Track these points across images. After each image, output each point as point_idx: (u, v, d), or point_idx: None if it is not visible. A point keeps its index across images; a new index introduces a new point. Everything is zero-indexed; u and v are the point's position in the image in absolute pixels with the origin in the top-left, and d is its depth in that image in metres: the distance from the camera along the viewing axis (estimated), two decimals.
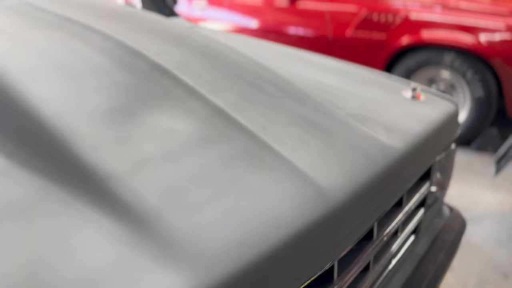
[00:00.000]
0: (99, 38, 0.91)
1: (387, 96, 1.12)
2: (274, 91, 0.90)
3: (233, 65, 0.95)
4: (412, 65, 2.88)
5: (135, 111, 0.72)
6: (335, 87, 1.12)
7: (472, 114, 2.77)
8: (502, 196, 2.31)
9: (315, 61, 1.37)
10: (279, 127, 0.78)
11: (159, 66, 0.84)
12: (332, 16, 3.16)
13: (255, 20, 3.59)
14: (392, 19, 2.89)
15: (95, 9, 1.14)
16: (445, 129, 1.09)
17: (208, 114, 0.75)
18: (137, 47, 0.88)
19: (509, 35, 2.51)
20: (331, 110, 0.91)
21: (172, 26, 1.11)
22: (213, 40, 1.07)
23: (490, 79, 2.65)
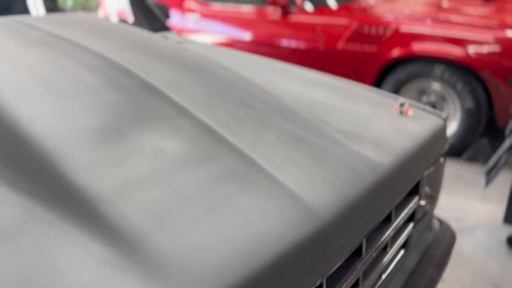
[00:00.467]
0: (90, 57, 0.92)
1: (376, 111, 1.14)
2: (263, 108, 0.92)
3: (223, 82, 0.96)
4: (403, 77, 2.91)
5: (125, 131, 0.72)
6: (324, 102, 1.14)
7: (463, 125, 2.80)
8: (493, 206, 2.32)
9: (304, 75, 1.38)
10: (267, 144, 0.79)
11: (149, 84, 0.85)
12: (324, 29, 3.19)
13: (247, 32, 3.62)
14: (383, 32, 2.93)
15: (86, 26, 1.15)
16: (433, 144, 1.11)
17: (197, 133, 0.76)
18: (127, 66, 0.89)
19: (498, 48, 2.56)
20: (319, 127, 0.92)
21: (163, 43, 1.12)
22: (203, 57, 1.08)
23: (479, 90, 2.69)
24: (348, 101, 1.18)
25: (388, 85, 3.00)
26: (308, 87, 1.26)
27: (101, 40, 1.04)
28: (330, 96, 1.20)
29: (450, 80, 2.74)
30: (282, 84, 1.24)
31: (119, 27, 1.19)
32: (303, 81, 1.32)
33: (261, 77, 1.28)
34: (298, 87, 1.24)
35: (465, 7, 3.22)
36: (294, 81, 1.30)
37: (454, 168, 2.79)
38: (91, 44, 0.98)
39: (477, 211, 2.29)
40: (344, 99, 1.19)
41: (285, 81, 1.29)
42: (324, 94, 1.22)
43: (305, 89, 1.23)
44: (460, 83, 2.71)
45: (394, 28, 2.89)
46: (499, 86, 2.57)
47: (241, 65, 1.38)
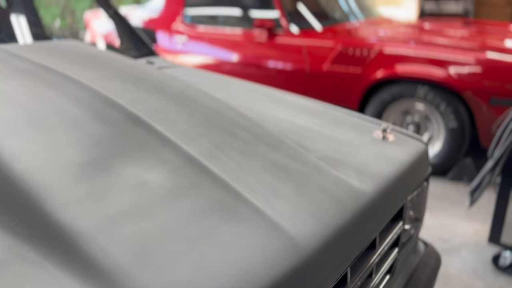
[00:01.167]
0: (74, 87, 0.92)
1: (358, 137, 1.16)
2: (247, 137, 0.93)
3: (208, 111, 0.97)
4: (388, 98, 2.96)
5: (108, 164, 0.72)
6: (307, 128, 1.15)
7: (447, 144, 2.85)
8: (478, 226, 2.35)
9: (287, 100, 1.40)
10: (251, 174, 0.80)
11: (133, 115, 0.85)
12: (309, 51, 3.24)
13: (234, 54, 3.66)
14: (367, 54, 2.99)
15: (72, 55, 1.16)
16: (416, 168, 1.13)
17: (181, 164, 0.76)
18: (112, 96, 0.90)
19: (479, 69, 2.62)
20: (303, 154, 0.93)
21: (148, 72, 1.13)
22: (187, 86, 1.09)
23: (462, 110, 2.74)
24: (331, 127, 1.20)
25: (373, 105, 3.05)
26: (291, 112, 1.28)
27: (86, 70, 1.05)
28: (313, 122, 1.22)
29: (434, 100, 2.80)
30: (266, 110, 1.25)
31: (105, 55, 1.20)
32: (287, 106, 1.34)
33: (245, 102, 1.30)
34: (281, 113, 1.26)
35: (446, 29, 3.30)
36: (278, 106, 1.32)
37: (439, 187, 2.82)
38: (76, 74, 0.98)
39: (462, 231, 2.31)
40: (327, 124, 1.21)
41: (269, 106, 1.30)
42: (307, 119, 1.24)
43: (289, 115, 1.25)
44: (443, 104, 2.77)
45: (377, 50, 2.95)
46: (482, 106, 2.63)
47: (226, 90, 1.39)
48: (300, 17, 3.58)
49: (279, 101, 1.38)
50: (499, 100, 2.56)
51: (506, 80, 2.53)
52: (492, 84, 2.57)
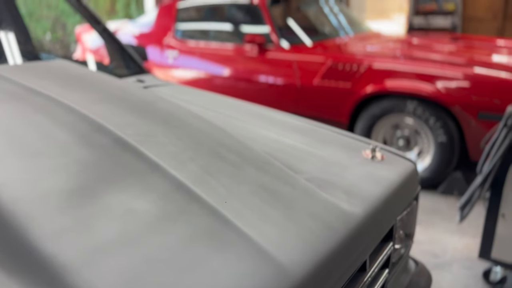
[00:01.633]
0: (62, 111, 0.91)
1: (348, 156, 1.16)
2: (236, 159, 0.92)
3: (197, 134, 0.97)
4: (377, 112, 2.99)
5: (95, 191, 0.72)
6: (297, 148, 1.16)
7: (436, 158, 2.87)
8: (469, 240, 2.36)
9: (277, 118, 1.40)
10: (240, 199, 0.80)
11: (121, 140, 0.85)
12: (300, 66, 3.27)
13: (225, 68, 3.68)
14: (357, 69, 3.01)
15: (60, 76, 1.15)
16: (405, 188, 1.13)
17: (169, 190, 0.76)
18: (100, 121, 0.89)
19: (467, 84, 2.65)
20: (291, 177, 0.93)
21: (137, 93, 1.13)
22: (177, 107, 1.09)
23: (451, 125, 2.77)
24: (320, 146, 1.20)
25: (363, 119, 3.07)
26: (280, 130, 1.28)
27: (75, 92, 1.04)
28: (302, 141, 1.22)
29: (423, 115, 2.82)
30: (254, 129, 1.26)
31: (94, 76, 1.20)
32: (275, 124, 1.34)
33: (234, 121, 1.30)
34: (270, 132, 1.26)
35: (435, 44, 3.35)
36: (267, 124, 1.32)
37: (430, 201, 2.83)
38: (64, 97, 0.98)
39: (453, 245, 2.31)
40: (316, 144, 1.21)
41: (257, 125, 1.30)
42: (296, 138, 1.24)
43: (278, 134, 1.25)
44: (432, 118, 2.79)
45: (367, 65, 2.98)
46: (470, 121, 2.66)
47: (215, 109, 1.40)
48: (291, 33, 3.62)
49: (268, 120, 1.38)
50: (487, 115, 2.59)
51: (493, 95, 2.57)
52: (480, 99, 2.60)
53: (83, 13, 1.87)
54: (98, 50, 4.35)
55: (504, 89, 2.54)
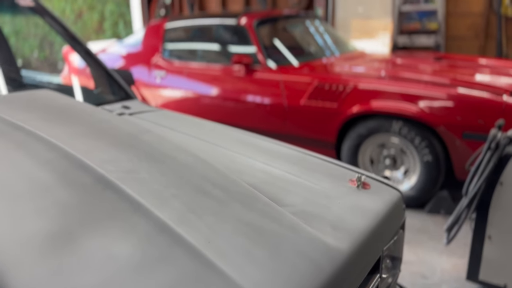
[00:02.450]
0: (43, 148, 0.90)
1: (334, 186, 1.16)
2: (221, 195, 0.92)
3: (181, 168, 0.96)
4: (364, 132, 3.01)
5: (75, 235, 0.70)
6: (283, 178, 1.15)
7: (423, 177, 2.89)
8: (457, 260, 2.36)
9: (264, 146, 1.40)
10: (224, 238, 0.79)
11: (103, 178, 0.84)
12: (286, 86, 3.29)
13: (213, 88, 3.69)
14: (343, 89, 3.04)
15: (43, 109, 1.14)
16: (391, 218, 1.13)
17: (151, 232, 0.74)
18: (82, 157, 0.88)
19: (451, 104, 2.69)
20: (277, 212, 0.93)
21: (121, 126, 1.12)
22: (161, 140, 1.08)
23: (437, 144, 2.80)
24: (307, 175, 1.20)
25: (350, 139, 3.09)
26: (267, 159, 1.28)
27: (57, 126, 1.03)
28: (290, 170, 1.22)
29: (408, 135, 2.85)
30: (241, 158, 1.25)
31: (77, 108, 1.19)
32: (262, 152, 1.34)
33: (220, 150, 1.29)
34: (258, 161, 1.26)
35: (419, 64, 3.40)
36: (253, 152, 1.32)
37: (418, 220, 2.84)
38: (46, 132, 0.97)
39: (441, 266, 2.32)
40: (303, 173, 1.21)
41: (244, 153, 1.30)
42: (282, 167, 1.24)
43: (264, 162, 1.24)
44: (417, 138, 2.82)
45: (353, 86, 3.01)
46: (455, 140, 2.69)
47: (201, 136, 1.39)
48: (278, 53, 3.65)
49: (255, 148, 1.38)
50: (472, 135, 2.63)
51: (477, 115, 2.60)
52: (464, 119, 2.64)
53: (67, 38, 1.87)
54: (85, 71, 4.33)
55: (487, 109, 2.58)
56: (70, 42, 1.86)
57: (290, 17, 4.08)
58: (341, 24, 5.17)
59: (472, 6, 4.49)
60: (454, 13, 4.59)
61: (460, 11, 4.56)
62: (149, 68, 4.17)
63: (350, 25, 5.11)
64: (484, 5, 4.41)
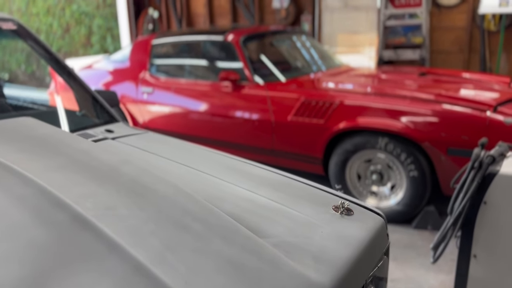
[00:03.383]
0: (19, 183, 0.89)
1: (317, 213, 1.15)
2: (201, 229, 0.91)
3: (161, 202, 0.95)
4: (350, 148, 3.02)
5: (50, 278, 0.69)
6: (267, 207, 1.15)
7: (409, 192, 2.90)
8: (444, 277, 2.37)
9: (248, 171, 1.39)
10: (203, 278, 0.77)
11: (79, 216, 0.82)
12: (274, 102, 3.30)
13: (200, 104, 3.68)
14: (329, 105, 3.06)
15: (22, 139, 1.12)
16: (375, 245, 1.13)
17: (128, 274, 0.73)
18: (59, 194, 0.86)
19: (436, 120, 2.72)
20: (259, 245, 0.92)
21: (101, 157, 1.10)
22: (142, 171, 1.07)
23: (422, 160, 2.82)
24: (290, 202, 1.20)
25: (337, 155, 3.10)
26: (251, 185, 1.27)
27: (35, 158, 1.02)
28: (274, 197, 1.22)
29: (394, 150, 2.87)
30: (225, 185, 1.24)
31: (57, 138, 1.17)
32: (246, 178, 1.33)
33: (204, 177, 1.28)
34: (242, 188, 1.25)
35: (404, 80, 3.43)
36: (239, 179, 1.31)
37: (405, 236, 2.85)
38: (23, 165, 0.95)
39: (429, 283, 2.32)
40: (286, 200, 1.21)
41: (229, 180, 1.29)
42: (267, 193, 1.23)
43: (248, 189, 1.24)
44: (403, 154, 2.84)
45: (339, 102, 3.03)
46: (440, 156, 2.71)
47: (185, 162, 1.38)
48: (264, 69, 3.67)
49: (240, 173, 1.37)
50: (456, 151, 2.65)
51: (461, 131, 2.63)
52: (449, 135, 2.66)
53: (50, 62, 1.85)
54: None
55: (471, 125, 2.61)
56: (53, 65, 1.84)
57: (277, 32, 4.11)
58: (327, 38, 5.23)
59: (455, 21, 4.57)
60: (438, 27, 4.66)
61: (444, 25, 4.63)
62: (136, 84, 4.16)
63: (336, 40, 5.17)
64: (467, 20, 4.49)
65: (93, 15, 7.79)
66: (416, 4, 4.56)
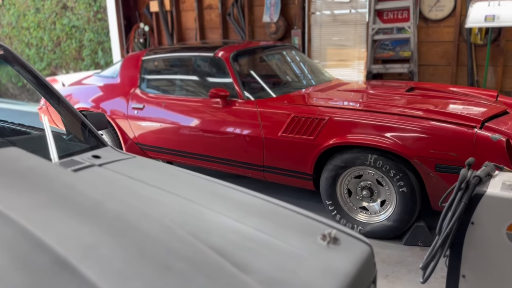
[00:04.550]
0: (1, 224, 0.88)
1: (304, 243, 1.15)
2: (185, 268, 0.90)
3: (145, 240, 0.95)
4: (340, 164, 3.03)
5: None
6: (254, 238, 1.14)
7: (399, 207, 2.91)
8: None
9: (238, 199, 1.39)
10: None
11: (61, 258, 0.81)
12: (264, 118, 3.31)
13: (191, 120, 3.68)
14: (318, 121, 3.07)
15: (4, 173, 1.11)
16: (362, 275, 1.13)
17: None
18: (40, 233, 0.86)
19: (423, 137, 2.73)
20: (243, 282, 0.91)
21: (85, 192, 1.10)
22: (127, 207, 1.06)
23: (412, 176, 2.83)
24: (277, 233, 1.20)
25: (327, 171, 3.10)
26: (238, 215, 1.27)
27: (18, 194, 1.01)
28: (260, 227, 1.21)
29: (383, 166, 2.88)
30: (213, 215, 1.24)
31: (41, 171, 1.16)
32: (236, 207, 1.33)
33: (191, 207, 1.28)
34: (230, 217, 1.25)
35: (392, 95, 3.46)
36: (227, 207, 1.31)
37: (396, 252, 2.85)
38: (5, 203, 0.94)
39: None
40: (273, 230, 1.21)
41: (217, 209, 1.29)
42: (254, 224, 1.23)
43: (235, 219, 1.24)
44: (393, 170, 2.85)
45: (328, 118, 3.05)
46: (429, 173, 2.73)
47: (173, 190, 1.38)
48: (255, 85, 3.68)
49: (226, 200, 1.37)
50: (445, 167, 2.67)
51: (449, 147, 2.65)
52: (437, 152, 2.68)
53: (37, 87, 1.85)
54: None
55: (459, 141, 2.63)
56: (41, 91, 1.84)
57: (267, 48, 4.13)
58: (317, 52, 5.27)
59: (443, 35, 4.63)
60: (426, 41, 4.72)
61: (432, 39, 4.69)
62: (127, 100, 4.16)
63: (325, 54, 5.21)
64: (454, 33, 4.55)
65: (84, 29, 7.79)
66: (404, 19, 4.62)
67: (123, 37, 6.88)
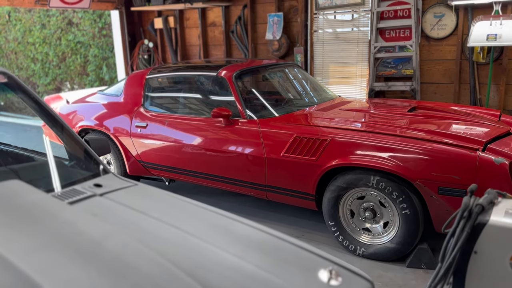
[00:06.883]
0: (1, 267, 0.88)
1: (304, 282, 1.15)
2: None
3: (142, 283, 0.95)
4: (343, 185, 3.02)
5: None
6: (252, 277, 1.14)
7: (402, 229, 2.89)
8: None
9: (240, 233, 1.39)
10: None
11: None
12: (266, 138, 3.31)
13: (194, 139, 3.69)
14: (320, 142, 3.07)
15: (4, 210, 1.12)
16: None
17: None
18: (38, 279, 0.86)
19: (426, 159, 2.73)
20: None
21: (86, 229, 1.10)
22: (125, 246, 1.06)
23: (414, 198, 2.82)
24: (278, 270, 1.19)
25: (330, 191, 3.10)
26: (239, 250, 1.26)
27: (17, 234, 1.01)
28: (260, 263, 1.21)
29: (386, 188, 2.87)
30: (212, 251, 1.24)
31: (41, 208, 1.17)
32: (237, 241, 1.32)
33: (192, 242, 1.28)
34: (230, 253, 1.24)
35: (394, 115, 3.46)
36: (228, 242, 1.31)
37: (399, 275, 2.82)
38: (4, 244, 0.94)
39: None
40: (274, 267, 1.20)
41: (217, 244, 1.29)
42: (254, 260, 1.23)
43: (236, 255, 1.23)
44: (395, 192, 2.84)
45: (330, 139, 3.05)
46: (432, 195, 2.72)
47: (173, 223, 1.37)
48: (257, 104, 3.70)
49: (227, 234, 1.37)
50: (448, 190, 2.66)
51: (452, 170, 2.64)
52: (439, 174, 2.67)
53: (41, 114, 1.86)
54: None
55: (462, 164, 2.62)
56: (44, 118, 1.85)
57: (270, 66, 4.16)
58: (319, 70, 5.30)
59: (445, 53, 4.65)
60: (428, 59, 4.74)
61: (434, 58, 4.71)
62: (130, 118, 4.18)
63: (328, 71, 5.24)
64: (456, 52, 4.57)
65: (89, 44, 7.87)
66: (406, 38, 4.64)
67: (128, 53, 6.94)
